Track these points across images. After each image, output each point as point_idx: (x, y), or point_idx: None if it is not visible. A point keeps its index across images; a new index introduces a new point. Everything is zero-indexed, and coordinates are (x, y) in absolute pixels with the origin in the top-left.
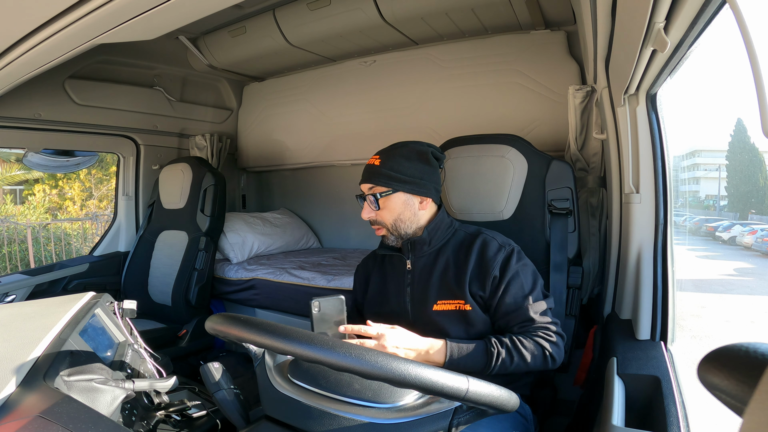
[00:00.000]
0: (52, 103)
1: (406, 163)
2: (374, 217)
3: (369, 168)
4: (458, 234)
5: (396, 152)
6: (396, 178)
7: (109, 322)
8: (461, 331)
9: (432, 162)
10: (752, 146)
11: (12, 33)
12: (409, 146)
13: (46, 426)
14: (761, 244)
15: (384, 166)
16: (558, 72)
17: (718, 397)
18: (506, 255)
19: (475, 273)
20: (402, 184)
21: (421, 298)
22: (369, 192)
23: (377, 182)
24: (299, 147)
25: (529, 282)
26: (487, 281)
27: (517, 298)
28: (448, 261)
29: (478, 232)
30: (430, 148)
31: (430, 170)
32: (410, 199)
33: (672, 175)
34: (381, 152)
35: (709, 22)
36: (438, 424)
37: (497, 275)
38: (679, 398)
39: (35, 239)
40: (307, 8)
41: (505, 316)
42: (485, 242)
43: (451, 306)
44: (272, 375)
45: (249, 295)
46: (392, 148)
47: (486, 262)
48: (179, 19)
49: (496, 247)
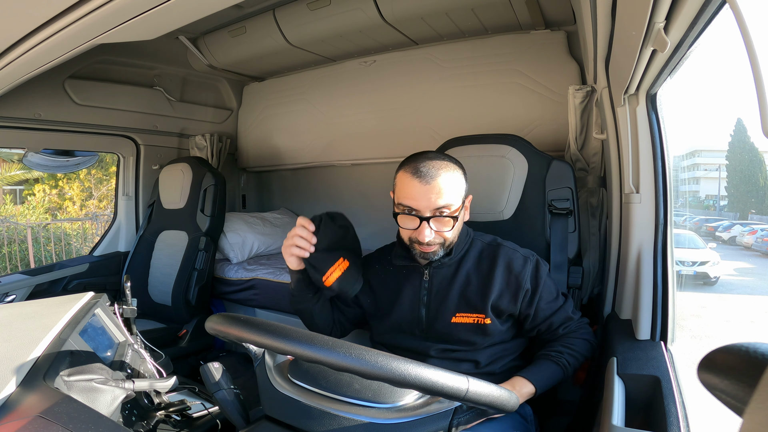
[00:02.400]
0: (52, 103)
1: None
2: (436, 239)
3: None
4: (476, 244)
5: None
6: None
7: (109, 322)
8: (479, 340)
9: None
10: (752, 146)
11: (12, 33)
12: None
13: (46, 426)
14: (761, 244)
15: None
16: (558, 72)
17: (718, 397)
18: (533, 267)
19: (504, 289)
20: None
21: (438, 310)
22: (438, 212)
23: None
24: (299, 147)
25: (552, 285)
26: (519, 296)
27: (551, 303)
28: (470, 274)
29: (496, 243)
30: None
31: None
32: (465, 210)
33: (672, 175)
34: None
35: (709, 22)
36: (438, 424)
37: (529, 288)
38: (679, 398)
39: (35, 239)
40: (307, 8)
41: (546, 320)
42: (509, 255)
43: (469, 319)
44: (272, 375)
45: (249, 295)
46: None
47: (515, 277)
48: (179, 19)
49: (522, 261)
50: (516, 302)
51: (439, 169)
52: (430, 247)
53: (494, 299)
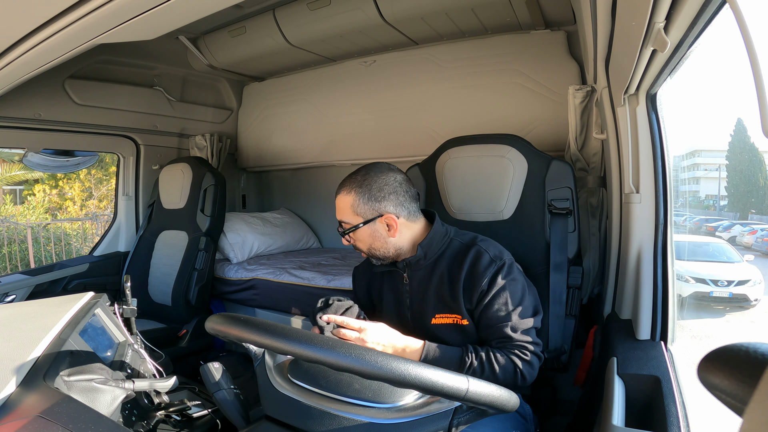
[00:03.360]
0: (52, 103)
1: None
2: (353, 244)
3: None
4: (453, 244)
5: (354, 182)
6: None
7: (109, 322)
8: (459, 341)
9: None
10: (752, 146)
11: (12, 33)
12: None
13: (46, 426)
14: (761, 244)
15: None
16: (558, 72)
17: (718, 397)
18: (496, 269)
19: (466, 285)
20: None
21: (420, 311)
22: (338, 222)
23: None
24: (299, 147)
25: (516, 298)
26: (475, 294)
27: (500, 314)
28: (443, 274)
29: (472, 242)
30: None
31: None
32: (376, 230)
33: (672, 175)
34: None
35: (709, 22)
36: (438, 424)
37: (485, 289)
38: (679, 398)
39: (35, 239)
40: (307, 8)
41: (486, 329)
42: (478, 254)
43: (448, 319)
44: (272, 375)
45: (249, 295)
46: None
47: (476, 275)
48: (179, 19)
49: (488, 261)
50: (472, 300)
51: (340, 189)
52: (360, 252)
53: (462, 297)
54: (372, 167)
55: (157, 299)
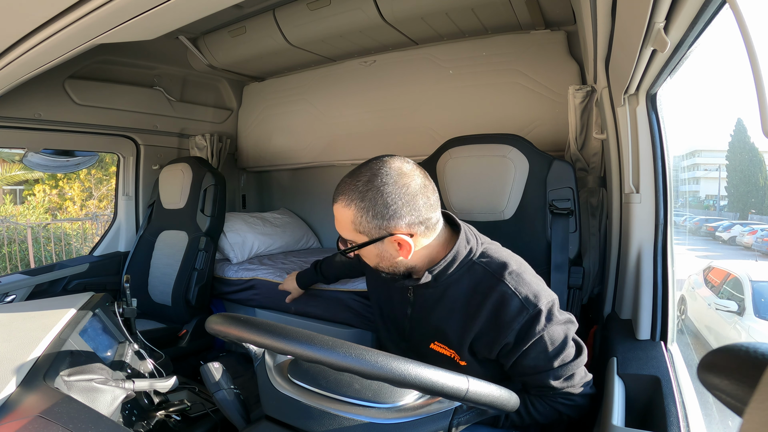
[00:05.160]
0: (52, 103)
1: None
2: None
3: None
4: (476, 270)
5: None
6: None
7: (109, 322)
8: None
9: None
10: (752, 146)
11: (12, 33)
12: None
13: (46, 426)
14: (761, 244)
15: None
16: (558, 72)
17: (718, 397)
18: (528, 319)
19: (485, 332)
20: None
21: (419, 330)
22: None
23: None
24: (299, 147)
25: (558, 344)
26: (496, 346)
27: (538, 363)
28: (455, 305)
29: (500, 276)
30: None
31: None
32: (384, 250)
33: (672, 175)
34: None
35: (709, 22)
36: (438, 424)
37: (510, 342)
38: (679, 398)
39: (35, 239)
40: (307, 8)
41: (522, 377)
42: (504, 299)
43: (446, 352)
44: (272, 375)
45: (249, 295)
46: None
47: (500, 324)
48: (179, 19)
49: (517, 308)
50: (491, 351)
51: (337, 198)
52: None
53: (472, 341)
54: (378, 171)
55: (157, 299)
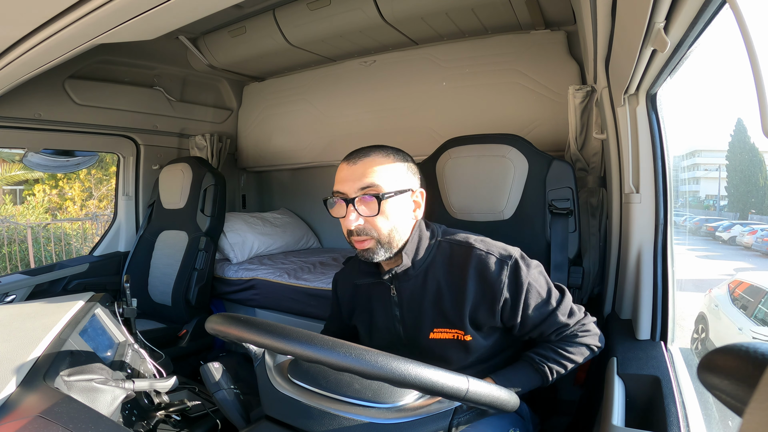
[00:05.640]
0: (52, 103)
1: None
2: (363, 226)
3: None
4: (443, 247)
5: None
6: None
7: (109, 322)
8: (461, 357)
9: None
10: (752, 146)
11: (12, 33)
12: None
13: (46, 426)
14: (761, 244)
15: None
16: (558, 72)
17: (718, 397)
18: (512, 270)
19: (479, 300)
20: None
21: (414, 325)
22: (362, 192)
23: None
24: (299, 147)
25: (543, 285)
26: (497, 307)
27: (541, 308)
28: (440, 285)
29: (467, 244)
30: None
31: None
32: (408, 203)
33: (672, 175)
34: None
35: (709, 22)
36: (438, 424)
37: (508, 297)
38: (679, 398)
39: (35, 239)
40: (307, 8)
41: (536, 328)
42: (481, 260)
43: (449, 335)
44: (272, 375)
45: (249, 295)
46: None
47: (490, 285)
48: (179, 19)
49: (498, 265)
50: (494, 315)
51: (370, 152)
52: (362, 241)
53: (470, 312)
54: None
55: (157, 299)
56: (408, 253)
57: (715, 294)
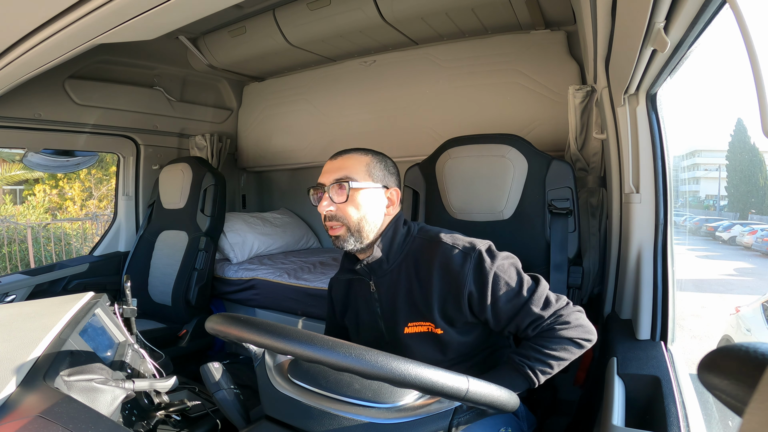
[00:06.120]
0: (52, 103)
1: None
2: (335, 212)
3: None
4: (416, 243)
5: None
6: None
7: (109, 322)
8: (436, 353)
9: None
10: (752, 146)
11: (12, 33)
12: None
13: (46, 426)
14: (761, 244)
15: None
16: (558, 72)
17: (718, 397)
18: (475, 262)
19: (446, 293)
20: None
21: (392, 320)
22: (336, 181)
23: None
24: (299, 147)
25: (513, 275)
26: (463, 301)
27: (512, 299)
28: (411, 279)
29: (436, 239)
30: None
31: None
32: (380, 198)
33: (672, 175)
34: (350, 149)
35: (709, 22)
36: (438, 424)
37: (473, 290)
38: (679, 398)
39: (35, 239)
40: (307, 8)
41: (511, 321)
42: (445, 254)
43: (422, 328)
44: (272, 375)
45: (249, 295)
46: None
47: (454, 278)
48: (179, 19)
49: (460, 257)
50: (461, 308)
51: (351, 151)
52: (333, 226)
53: (439, 306)
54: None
55: (157, 299)
56: (380, 246)
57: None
